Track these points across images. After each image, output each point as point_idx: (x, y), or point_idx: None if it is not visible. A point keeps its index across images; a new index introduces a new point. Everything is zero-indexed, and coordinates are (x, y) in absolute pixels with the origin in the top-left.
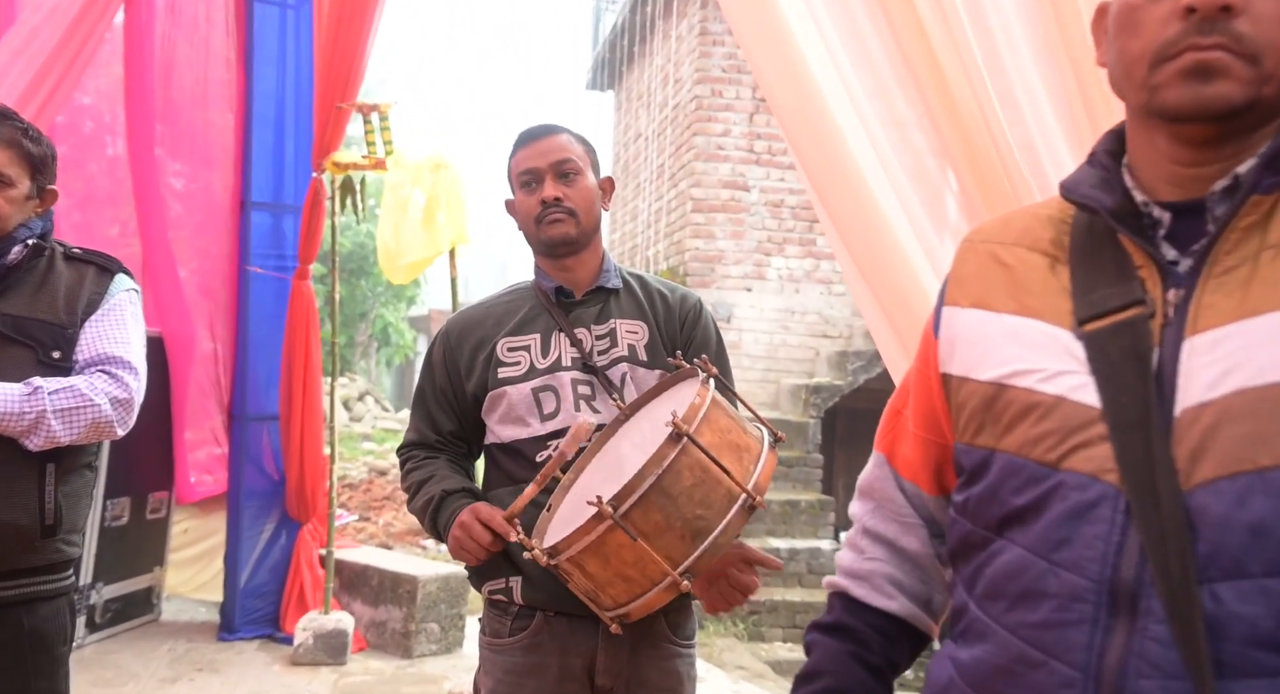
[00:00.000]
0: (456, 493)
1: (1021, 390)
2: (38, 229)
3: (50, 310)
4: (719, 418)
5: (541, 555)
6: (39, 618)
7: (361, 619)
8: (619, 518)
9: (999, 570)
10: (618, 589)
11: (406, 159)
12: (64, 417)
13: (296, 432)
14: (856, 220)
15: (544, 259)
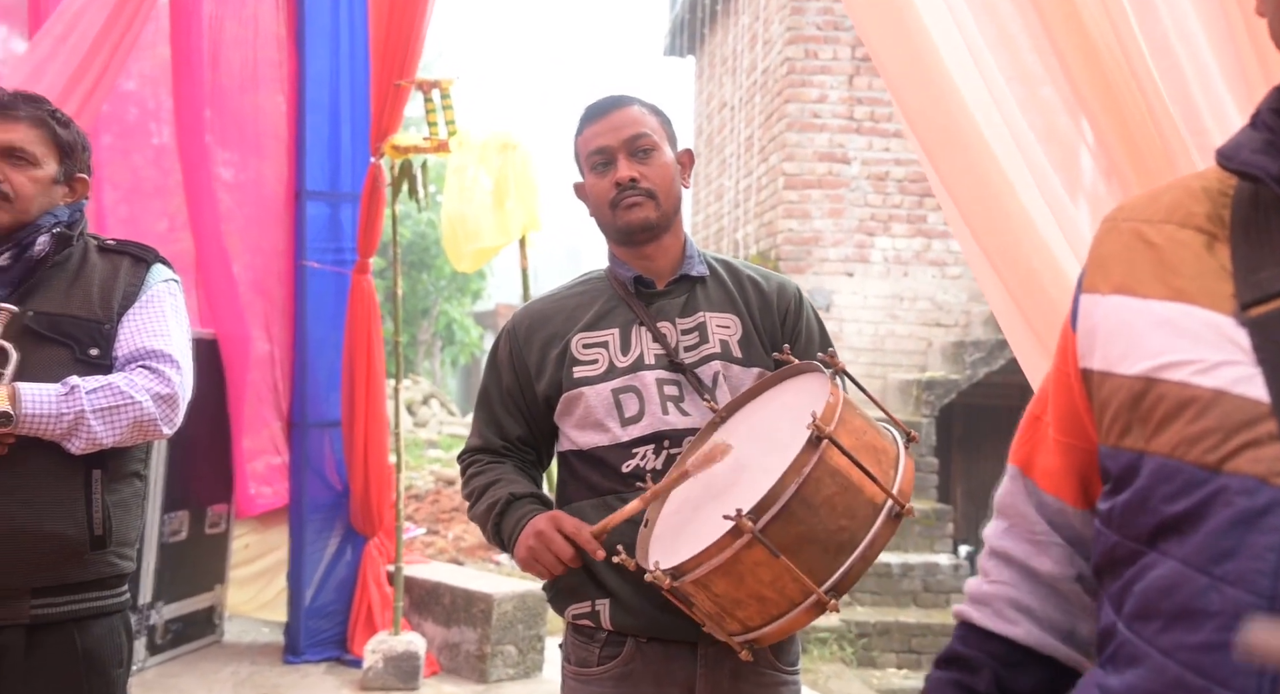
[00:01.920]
0: (525, 498)
1: (1174, 385)
2: (64, 217)
3: (85, 306)
4: (853, 419)
5: (664, 577)
6: (92, 637)
7: (433, 641)
8: (759, 533)
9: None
10: (750, 611)
11: (471, 139)
12: (104, 416)
13: (360, 439)
14: (977, 192)
15: (620, 246)
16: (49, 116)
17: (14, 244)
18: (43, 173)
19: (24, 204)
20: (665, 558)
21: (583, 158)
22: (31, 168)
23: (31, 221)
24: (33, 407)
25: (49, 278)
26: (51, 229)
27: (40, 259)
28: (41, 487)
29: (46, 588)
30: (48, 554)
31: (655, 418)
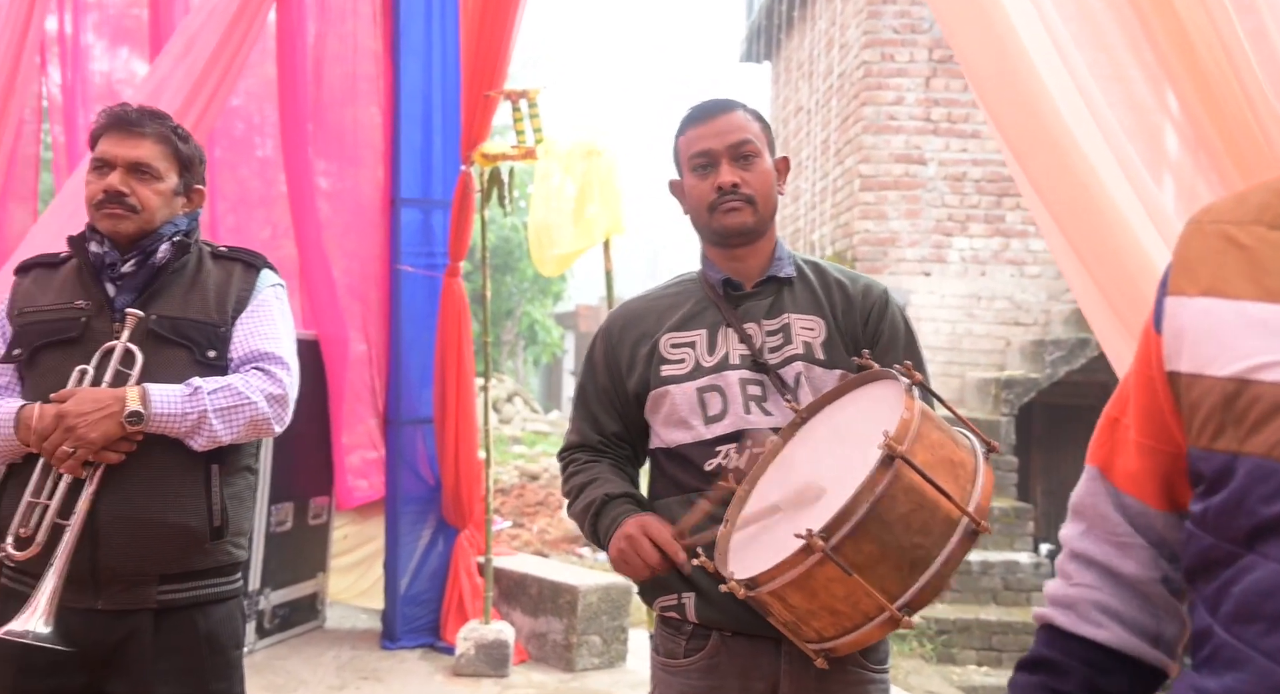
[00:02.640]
0: (619, 498)
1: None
2: (183, 226)
3: (202, 310)
4: (930, 432)
5: (739, 588)
6: (213, 621)
7: (521, 630)
8: (830, 551)
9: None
10: (824, 622)
11: (557, 147)
12: (223, 416)
13: (451, 435)
14: (1065, 190)
15: (714, 248)
16: (171, 132)
17: (138, 251)
18: (165, 186)
19: (148, 215)
20: (740, 567)
21: (684, 158)
22: (155, 181)
23: (154, 231)
24: (161, 406)
25: (169, 284)
26: (171, 237)
27: (162, 266)
28: (167, 481)
29: (172, 575)
30: (173, 544)
31: (738, 417)
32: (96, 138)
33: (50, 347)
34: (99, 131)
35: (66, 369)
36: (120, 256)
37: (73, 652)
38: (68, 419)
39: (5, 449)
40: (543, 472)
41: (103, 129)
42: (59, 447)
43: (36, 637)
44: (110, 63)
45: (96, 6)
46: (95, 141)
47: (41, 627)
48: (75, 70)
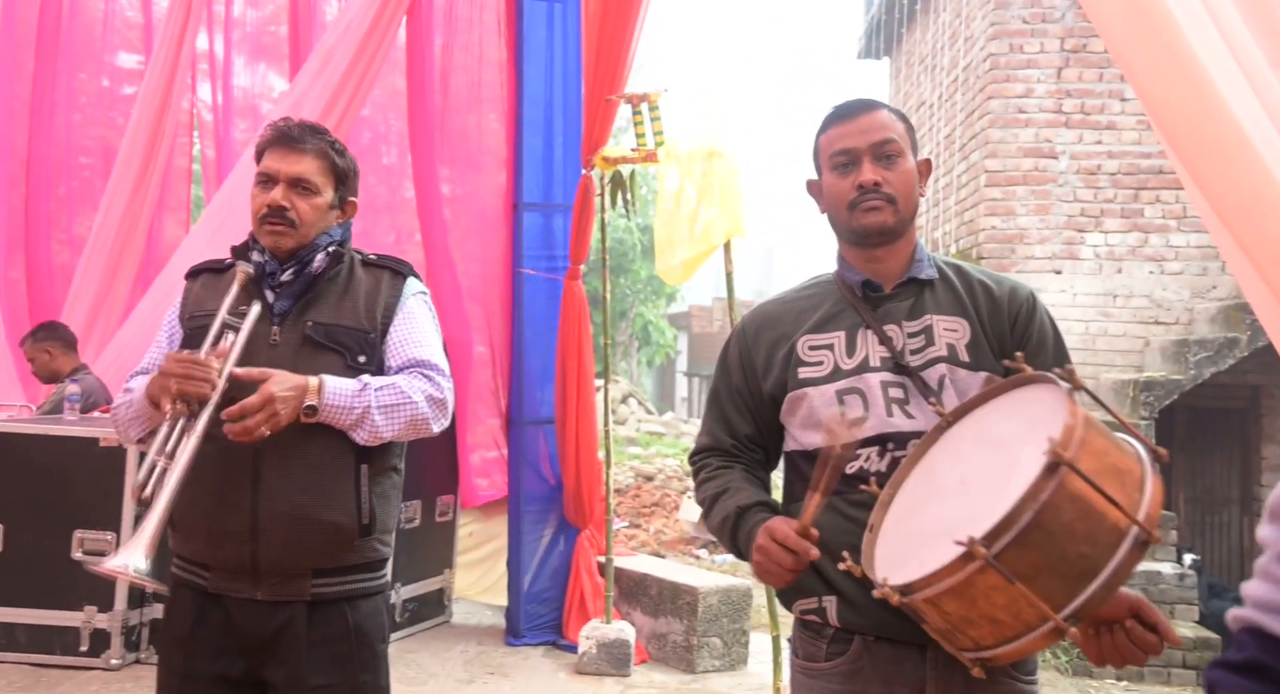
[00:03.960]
0: (752, 508)
1: None
2: (337, 236)
3: (354, 316)
4: (1095, 439)
5: (893, 594)
6: (361, 614)
7: (642, 630)
8: (992, 559)
9: None
10: (982, 631)
11: (677, 149)
12: (386, 412)
13: (572, 435)
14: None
15: (851, 248)
16: (329, 147)
17: (296, 261)
18: (322, 200)
19: (306, 229)
20: (893, 573)
21: (824, 157)
22: (314, 196)
23: (311, 242)
24: (333, 399)
25: (324, 291)
26: (327, 248)
27: (317, 275)
28: (321, 481)
29: (324, 569)
30: (326, 539)
31: (880, 420)
32: (262, 152)
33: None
34: (264, 146)
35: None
36: (279, 266)
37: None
38: (275, 402)
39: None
40: (657, 472)
41: (267, 144)
42: (260, 425)
43: (136, 570)
44: (250, 78)
45: (238, 24)
46: (261, 156)
47: (141, 561)
48: (223, 87)
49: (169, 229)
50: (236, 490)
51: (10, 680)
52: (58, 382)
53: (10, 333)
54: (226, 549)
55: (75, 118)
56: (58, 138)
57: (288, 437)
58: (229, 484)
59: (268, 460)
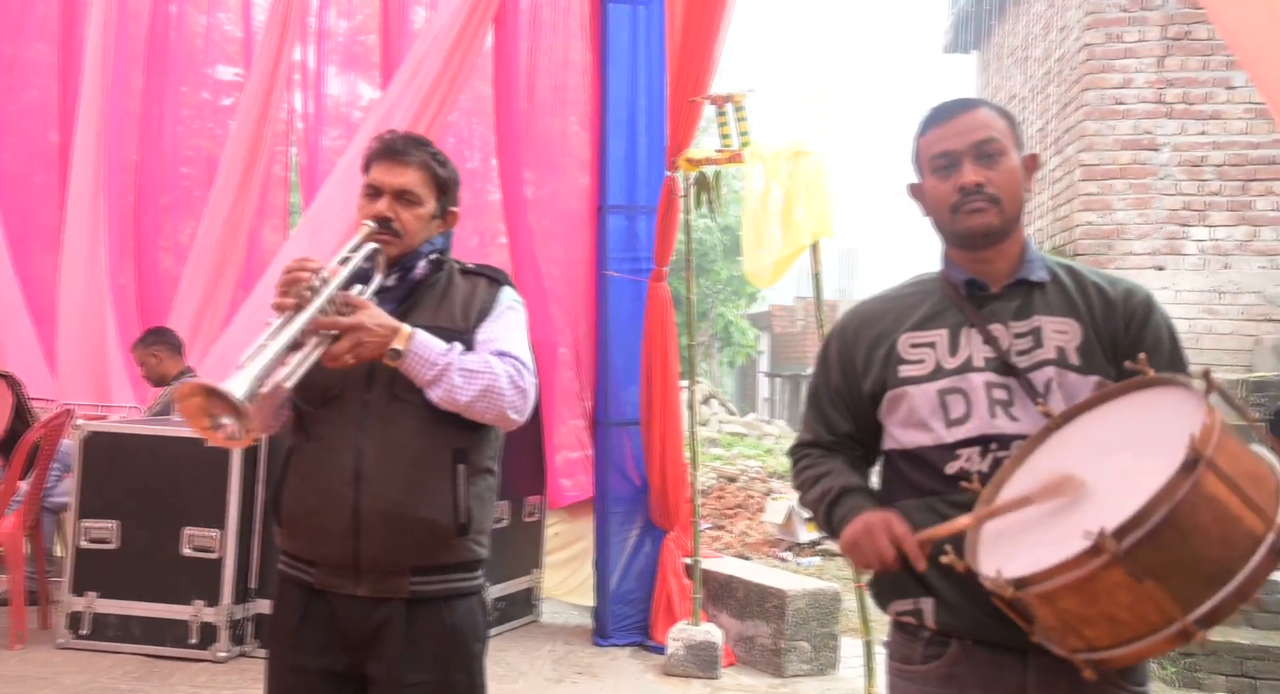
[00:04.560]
0: (857, 491)
1: None
2: (439, 245)
3: (450, 319)
4: (1230, 443)
5: (1006, 587)
6: (457, 614)
7: (729, 632)
8: (1122, 554)
9: None
10: (1099, 631)
11: (764, 149)
12: (467, 375)
13: (657, 437)
14: None
15: (957, 250)
16: (431, 158)
17: (400, 268)
18: (425, 210)
19: (410, 239)
20: (1006, 565)
21: (924, 159)
22: (417, 207)
23: (414, 250)
24: (419, 349)
25: (424, 297)
26: (429, 256)
27: (419, 281)
28: (420, 480)
29: (422, 568)
30: (423, 538)
31: (983, 420)
32: (369, 164)
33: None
34: (370, 158)
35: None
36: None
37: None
38: (362, 330)
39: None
40: (740, 474)
41: (374, 156)
42: (346, 352)
43: (237, 396)
44: (340, 87)
45: (329, 35)
46: (368, 167)
47: (241, 390)
48: (316, 96)
49: (267, 235)
50: (340, 487)
51: (126, 670)
52: (165, 384)
53: (122, 337)
54: (330, 545)
55: (178, 129)
56: (164, 149)
57: (388, 435)
58: (332, 481)
59: (369, 459)
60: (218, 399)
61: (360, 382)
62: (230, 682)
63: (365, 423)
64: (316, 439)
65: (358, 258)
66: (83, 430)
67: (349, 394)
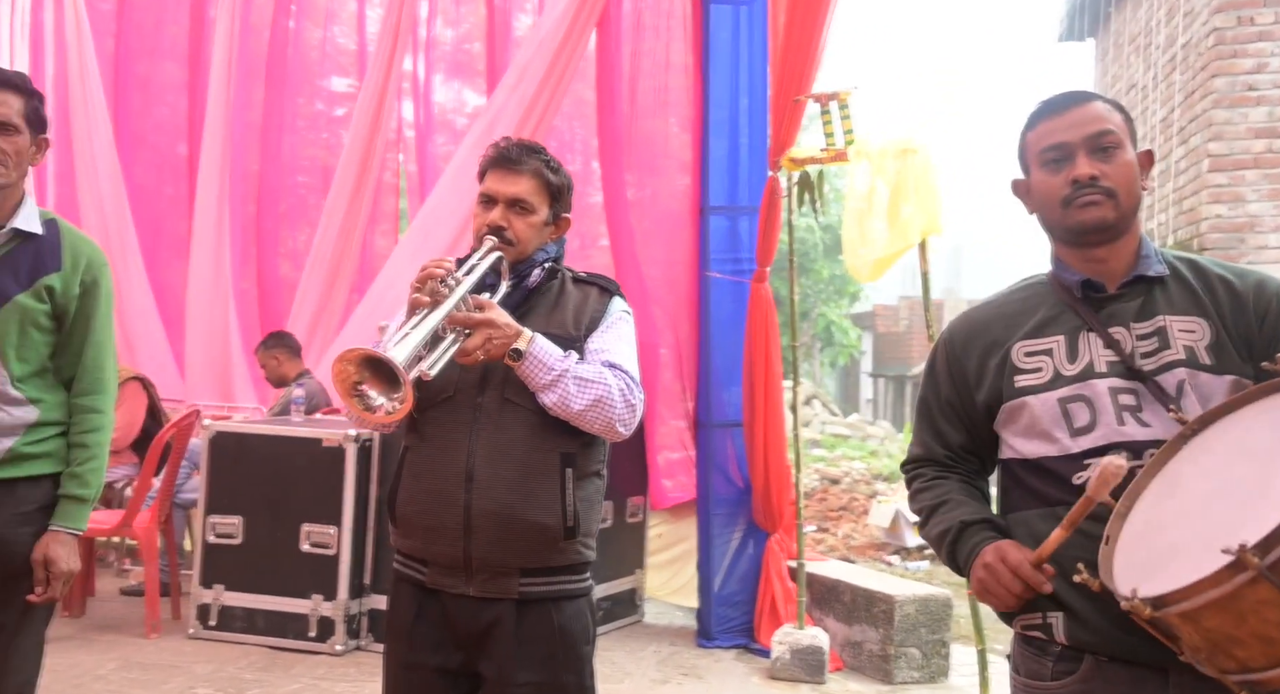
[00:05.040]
0: (976, 525)
1: None
2: (553, 252)
3: (562, 326)
4: None
5: (1143, 607)
6: (566, 616)
7: (835, 637)
8: (1266, 570)
9: None
10: (1251, 651)
11: (868, 147)
12: (581, 384)
13: (760, 438)
14: None
15: (1068, 248)
16: (544, 166)
17: (515, 276)
18: (537, 218)
19: (523, 246)
20: (1143, 584)
21: (1032, 154)
22: (530, 215)
23: (528, 258)
24: (539, 352)
25: (537, 304)
26: (543, 264)
27: (533, 288)
28: (529, 482)
29: (531, 569)
30: (532, 540)
31: (1110, 428)
32: (484, 172)
33: None
34: (485, 167)
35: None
36: (498, 279)
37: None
38: (494, 326)
39: None
40: (843, 476)
41: (489, 165)
42: (478, 348)
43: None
44: (446, 94)
45: (436, 44)
46: (483, 175)
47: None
48: (424, 104)
49: (378, 241)
50: (451, 488)
51: (252, 661)
52: (285, 385)
53: (245, 341)
54: (441, 545)
55: (294, 140)
56: (282, 159)
57: (499, 438)
58: (445, 482)
59: (480, 460)
60: (372, 371)
61: (473, 384)
62: (347, 674)
63: (477, 425)
64: (429, 440)
65: (485, 264)
66: (210, 430)
67: (461, 396)
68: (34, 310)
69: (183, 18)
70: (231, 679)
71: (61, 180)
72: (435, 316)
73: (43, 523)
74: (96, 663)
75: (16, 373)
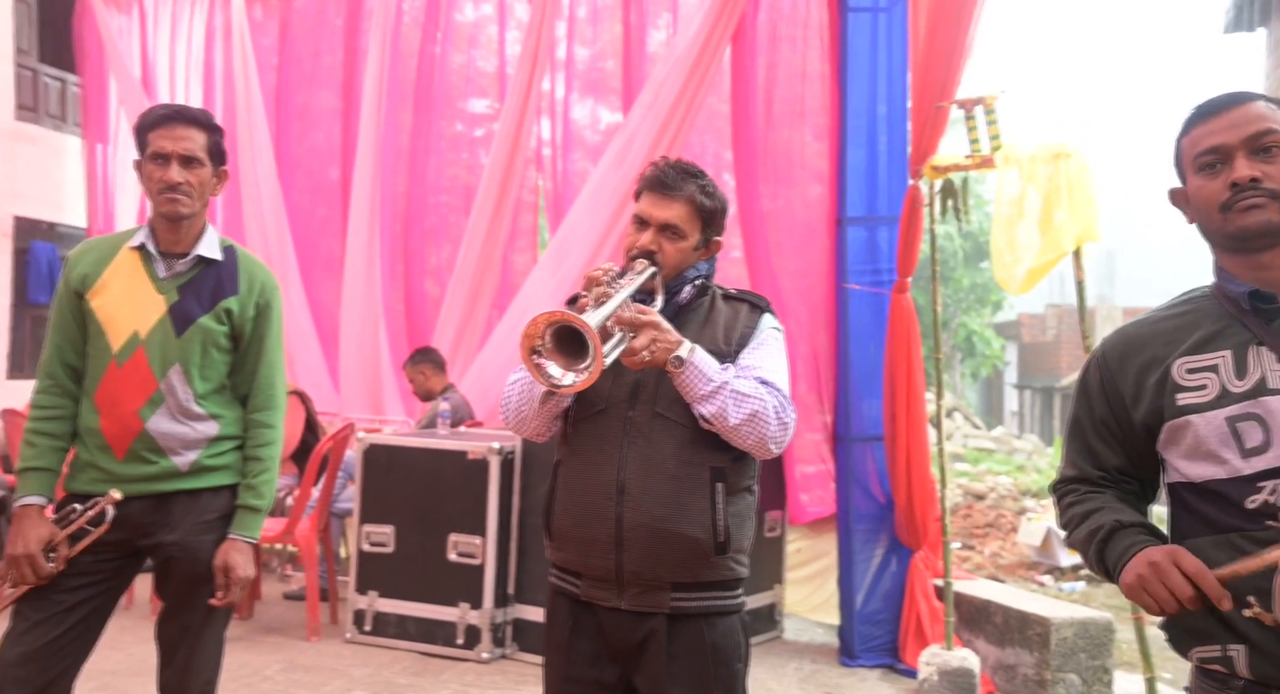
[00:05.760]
0: (1133, 527)
1: None
2: (704, 270)
3: (713, 341)
4: None
5: None
6: (718, 632)
7: (986, 659)
8: None
9: None
10: None
11: (1017, 152)
12: (738, 398)
13: (902, 452)
14: None
15: (1232, 256)
16: (699, 191)
17: (666, 293)
18: (687, 243)
19: (669, 270)
20: None
21: (1188, 159)
22: (680, 240)
23: (679, 276)
24: (700, 362)
25: (687, 321)
26: (694, 281)
27: (684, 305)
28: (679, 496)
29: (682, 584)
30: (683, 554)
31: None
32: (639, 192)
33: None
34: (642, 187)
35: (602, 383)
36: (648, 297)
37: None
38: (658, 329)
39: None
40: (989, 491)
41: (645, 186)
42: (644, 348)
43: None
44: (580, 112)
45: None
46: (639, 195)
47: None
48: (564, 123)
49: (517, 258)
50: (603, 501)
51: (405, 666)
52: (431, 399)
53: (393, 356)
54: (594, 557)
55: (437, 160)
56: (428, 180)
57: (650, 451)
58: (596, 495)
59: (631, 474)
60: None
61: (624, 399)
62: (494, 682)
63: (627, 438)
64: (580, 454)
65: (642, 278)
66: (363, 443)
67: (612, 410)
68: (215, 332)
69: (337, 48)
70: (387, 683)
71: (229, 205)
72: (610, 305)
73: (222, 531)
74: (263, 663)
75: (200, 390)
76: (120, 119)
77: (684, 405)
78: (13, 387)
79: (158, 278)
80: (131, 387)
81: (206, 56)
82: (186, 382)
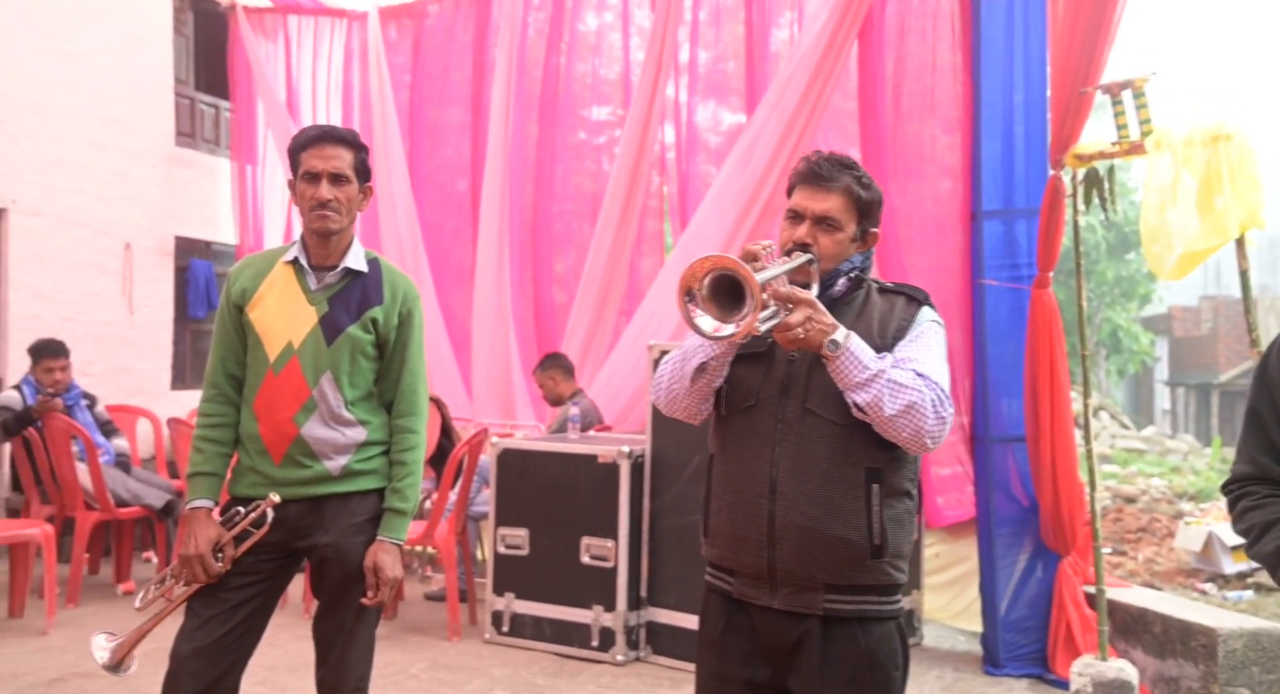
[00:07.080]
0: None
1: None
2: (858, 264)
3: (867, 334)
4: None
5: None
6: (873, 638)
7: (1145, 671)
8: None
9: None
10: None
11: (1170, 136)
12: (894, 387)
13: (1047, 454)
14: None
15: None
16: (855, 182)
17: (820, 285)
18: (844, 235)
19: (826, 263)
20: None
21: None
22: (836, 232)
23: (834, 269)
24: (856, 348)
25: (841, 313)
26: (849, 274)
27: (838, 298)
28: (832, 496)
29: (836, 586)
30: (836, 555)
31: None
32: (792, 188)
33: (743, 358)
34: (795, 182)
35: (754, 377)
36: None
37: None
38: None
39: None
40: (1140, 494)
41: (799, 179)
42: (798, 326)
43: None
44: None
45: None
46: (791, 190)
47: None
48: (689, 127)
49: (643, 263)
50: (755, 499)
51: (542, 667)
52: (561, 404)
53: (523, 362)
54: (747, 555)
55: (563, 169)
56: (554, 190)
57: (801, 449)
58: (748, 493)
59: (783, 471)
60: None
61: (774, 394)
62: (629, 684)
63: (779, 435)
64: (733, 449)
65: (799, 260)
66: (497, 447)
67: (764, 406)
68: (362, 340)
69: (466, 64)
70: (526, 684)
71: (366, 219)
72: (770, 272)
73: (371, 533)
74: (409, 662)
75: (349, 397)
76: (268, 141)
77: (835, 401)
78: (176, 397)
79: (309, 290)
80: (287, 394)
81: (345, 77)
82: (337, 389)
